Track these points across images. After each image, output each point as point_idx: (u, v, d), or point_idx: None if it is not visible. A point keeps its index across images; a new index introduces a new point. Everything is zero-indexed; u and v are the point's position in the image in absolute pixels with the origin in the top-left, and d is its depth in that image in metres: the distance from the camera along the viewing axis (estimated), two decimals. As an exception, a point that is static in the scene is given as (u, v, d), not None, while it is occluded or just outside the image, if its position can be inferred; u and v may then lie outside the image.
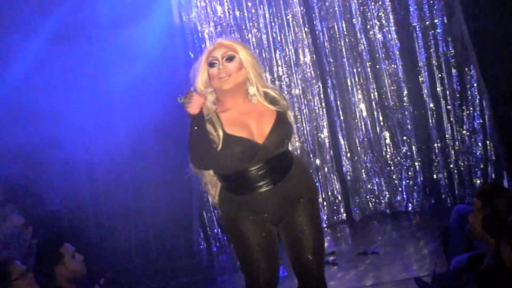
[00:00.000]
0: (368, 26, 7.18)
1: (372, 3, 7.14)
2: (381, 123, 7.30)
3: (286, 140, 3.53)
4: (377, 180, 7.34)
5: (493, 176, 6.87)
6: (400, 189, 7.28)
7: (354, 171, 7.37)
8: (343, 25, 7.22)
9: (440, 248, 4.98)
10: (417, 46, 7.08)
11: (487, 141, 6.91)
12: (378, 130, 7.31)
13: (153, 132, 7.06)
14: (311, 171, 3.74)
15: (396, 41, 7.14)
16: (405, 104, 7.20)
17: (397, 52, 7.15)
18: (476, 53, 6.77)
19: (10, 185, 6.59)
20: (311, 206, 3.60)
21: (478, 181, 6.92)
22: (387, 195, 7.32)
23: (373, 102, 7.29)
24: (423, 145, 7.22)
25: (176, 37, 7.20)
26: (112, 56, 7.02)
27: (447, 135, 7.07)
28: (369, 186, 7.36)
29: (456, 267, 4.13)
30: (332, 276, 5.68)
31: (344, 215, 7.41)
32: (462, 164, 7.04)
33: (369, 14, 7.17)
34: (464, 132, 7.02)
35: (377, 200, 7.36)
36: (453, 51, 6.96)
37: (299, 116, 7.31)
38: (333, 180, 7.39)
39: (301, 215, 3.56)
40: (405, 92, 7.18)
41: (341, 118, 7.36)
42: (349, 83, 7.30)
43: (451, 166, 7.09)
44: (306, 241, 3.56)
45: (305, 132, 7.36)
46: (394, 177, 7.30)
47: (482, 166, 6.94)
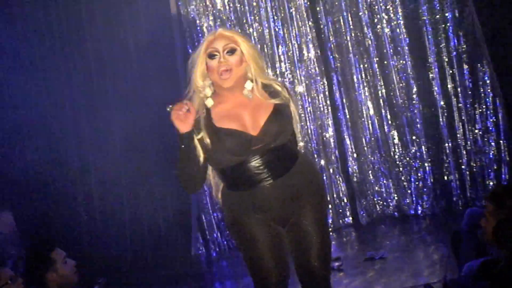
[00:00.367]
0: (376, 20, 7.19)
1: (380, -4, 7.19)
2: (389, 122, 7.29)
3: (285, 133, 3.47)
4: (385, 182, 7.33)
5: (507, 178, 6.88)
6: (409, 191, 7.27)
7: (361, 172, 7.38)
8: (349, 19, 7.23)
9: (451, 254, 4.93)
10: (427, 41, 7.08)
11: (501, 141, 6.94)
12: (386, 129, 7.31)
13: (149, 133, 7.07)
14: (319, 171, 3.69)
15: (405, 36, 7.15)
16: (415, 102, 7.19)
17: (406, 47, 7.16)
18: (489, 48, 6.73)
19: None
20: (319, 208, 3.55)
21: (491, 183, 6.92)
22: (396, 198, 7.32)
23: (381, 100, 7.29)
24: (433, 145, 7.22)
25: (174, 31, 7.24)
26: (105, 52, 7.01)
27: (459, 135, 7.07)
28: (377, 188, 7.35)
29: (468, 274, 4.11)
30: (338, 283, 5.65)
31: (350, 219, 7.42)
32: (474, 165, 7.05)
33: (377, 7, 7.18)
34: (477, 131, 7.02)
35: (385, 203, 7.34)
36: (465, 46, 6.97)
37: (303, 115, 7.30)
38: (339, 182, 7.39)
39: (307, 217, 3.51)
40: (415, 90, 7.18)
41: (347, 117, 7.37)
42: (356, 80, 7.30)
43: (463, 167, 7.09)
44: (312, 245, 3.51)
45: (309, 132, 7.36)
46: (403, 179, 7.29)
47: (495, 167, 6.96)
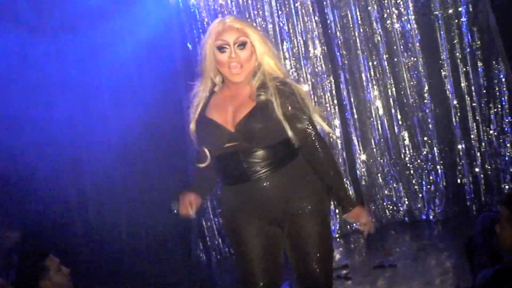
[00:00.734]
0: (385, 15, 7.18)
1: (390, -11, 7.18)
2: (400, 122, 7.30)
3: (265, 133, 3.45)
4: (395, 186, 7.34)
5: (524, 181, 6.94)
6: (421, 196, 7.28)
7: (370, 176, 7.39)
8: (358, 14, 7.22)
9: (465, 261, 4.96)
10: (439, 37, 7.08)
11: (517, 142, 6.96)
12: (396, 130, 7.31)
13: (147, 133, 7.07)
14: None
15: (416, 32, 7.14)
16: (426, 101, 7.20)
17: (417, 44, 7.15)
18: (505, 45, 6.77)
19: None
20: (318, 213, 3.56)
21: (507, 187, 6.94)
22: (406, 202, 7.33)
23: (391, 99, 7.29)
24: (446, 147, 7.22)
25: (173, 27, 7.25)
26: (101, 48, 7.00)
27: (473, 136, 7.07)
28: (386, 192, 7.37)
29: (482, 282, 4.11)
30: (346, 292, 5.71)
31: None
32: (489, 168, 7.05)
33: (386, 2, 7.16)
34: (491, 132, 7.02)
35: (395, 208, 7.36)
36: (479, 43, 6.96)
37: (309, 114, 7.27)
38: (346, 185, 7.35)
39: (306, 222, 3.53)
40: (426, 88, 7.18)
41: (355, 117, 7.37)
42: (364, 78, 7.30)
43: (477, 170, 7.09)
44: (311, 249, 3.52)
45: (315, 132, 7.33)
46: (414, 182, 7.30)
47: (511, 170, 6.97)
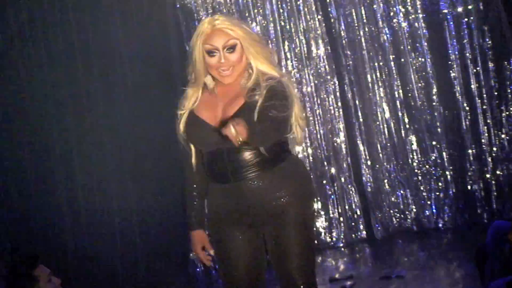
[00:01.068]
0: (392, 13, 7.18)
1: (396, -14, 7.18)
2: (407, 126, 7.28)
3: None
4: (402, 192, 7.30)
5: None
6: (429, 203, 7.26)
7: (376, 182, 7.33)
8: (363, 12, 7.21)
9: (475, 271, 4.96)
10: (448, 37, 7.08)
11: (530, 147, 6.95)
12: (403, 134, 7.28)
13: (141, 135, 7.01)
14: (309, 178, 3.73)
15: (424, 31, 7.14)
16: (435, 104, 7.18)
17: (425, 44, 7.15)
18: (517, 45, 6.79)
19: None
20: (302, 219, 3.57)
21: (520, 193, 6.95)
22: (414, 210, 7.30)
23: (397, 102, 7.27)
24: (456, 152, 7.20)
25: (169, 25, 7.22)
26: (93, 49, 6.97)
27: (483, 140, 7.07)
28: (393, 199, 7.32)
29: (494, 293, 4.10)
30: (351, 304, 5.69)
31: (364, 233, 7.38)
32: (501, 174, 7.04)
33: (393, -1, 7.15)
34: (503, 136, 7.03)
35: (402, 216, 7.31)
36: (490, 42, 6.97)
37: (312, 118, 7.28)
38: (351, 192, 7.35)
39: (288, 227, 3.54)
40: (435, 90, 7.17)
41: (360, 120, 7.33)
42: (370, 80, 7.27)
43: (488, 176, 7.08)
44: (292, 251, 3.54)
45: (319, 137, 7.32)
46: (422, 189, 7.28)
47: (525, 176, 6.98)
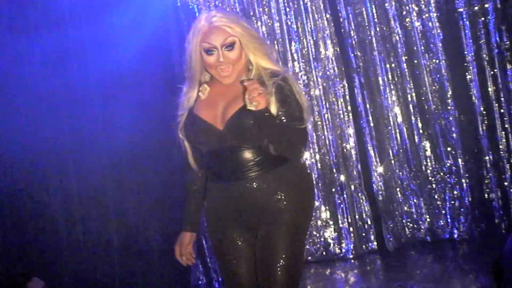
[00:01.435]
0: (404, 12, 7.19)
1: (409, -16, 7.20)
2: (420, 131, 7.29)
3: (257, 130, 3.49)
4: (415, 201, 7.30)
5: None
6: (444, 212, 7.26)
7: (387, 190, 7.33)
8: (374, 11, 7.22)
9: (493, 284, 4.99)
10: (464, 37, 7.09)
11: (550, 154, 7.00)
12: (417, 140, 7.29)
13: (140, 138, 6.99)
14: (311, 186, 3.81)
15: (439, 31, 7.15)
16: (450, 108, 7.19)
17: (440, 44, 7.15)
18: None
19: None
20: (295, 225, 3.62)
21: (539, 203, 6.95)
22: (428, 220, 7.30)
23: (410, 105, 7.29)
24: (472, 158, 7.21)
25: (169, 24, 7.22)
26: (93, 46, 7.00)
27: (501, 146, 7.08)
28: (406, 208, 7.32)
29: (513, 306, 4.16)
30: (362, 318, 5.73)
31: (375, 244, 7.37)
32: (519, 182, 7.01)
33: (406, -3, 7.16)
34: (522, 142, 7.00)
35: (416, 226, 7.32)
36: (508, 43, 6.96)
37: (320, 123, 7.27)
38: (362, 201, 7.34)
39: (279, 232, 3.59)
40: (450, 93, 7.18)
41: (371, 125, 7.34)
42: (381, 82, 7.29)
43: (506, 184, 7.08)
44: (278, 254, 3.57)
45: (327, 142, 7.30)
46: (436, 197, 7.28)
47: (545, 184, 6.99)
